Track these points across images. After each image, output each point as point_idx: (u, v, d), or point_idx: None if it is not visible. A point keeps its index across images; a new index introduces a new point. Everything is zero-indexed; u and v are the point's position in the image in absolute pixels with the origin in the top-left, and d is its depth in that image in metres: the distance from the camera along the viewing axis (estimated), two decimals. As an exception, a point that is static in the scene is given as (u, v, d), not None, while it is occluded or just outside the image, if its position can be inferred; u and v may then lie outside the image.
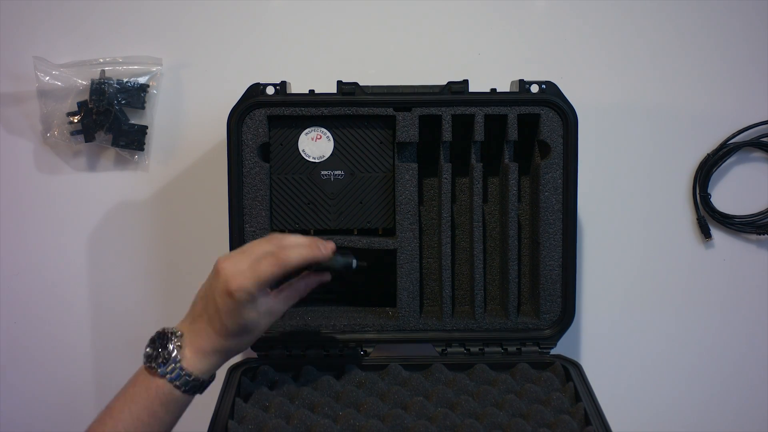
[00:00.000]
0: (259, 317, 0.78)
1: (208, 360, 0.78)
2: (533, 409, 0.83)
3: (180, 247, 1.08)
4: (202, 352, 0.77)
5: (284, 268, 0.76)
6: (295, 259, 0.77)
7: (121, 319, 1.09)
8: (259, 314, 0.77)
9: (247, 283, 0.75)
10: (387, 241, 0.96)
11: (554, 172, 0.94)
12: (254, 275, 0.75)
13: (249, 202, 0.94)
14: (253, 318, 0.77)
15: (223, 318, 0.76)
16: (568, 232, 0.95)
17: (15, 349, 1.09)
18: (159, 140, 1.06)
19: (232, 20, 1.05)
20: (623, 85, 1.07)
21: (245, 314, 0.76)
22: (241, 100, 0.93)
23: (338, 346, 0.96)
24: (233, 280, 0.75)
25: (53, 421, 1.10)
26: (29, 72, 1.02)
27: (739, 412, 1.11)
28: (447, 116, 0.93)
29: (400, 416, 0.82)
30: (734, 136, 1.06)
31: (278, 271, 0.76)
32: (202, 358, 0.77)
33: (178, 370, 0.76)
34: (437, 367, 0.92)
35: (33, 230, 1.08)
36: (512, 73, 1.00)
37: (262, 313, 0.78)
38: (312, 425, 0.81)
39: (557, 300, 0.96)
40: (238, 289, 0.75)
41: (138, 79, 1.03)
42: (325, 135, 0.95)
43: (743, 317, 1.10)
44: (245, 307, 0.76)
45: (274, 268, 0.76)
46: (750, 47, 1.06)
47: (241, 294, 0.75)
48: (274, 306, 0.79)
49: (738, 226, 1.08)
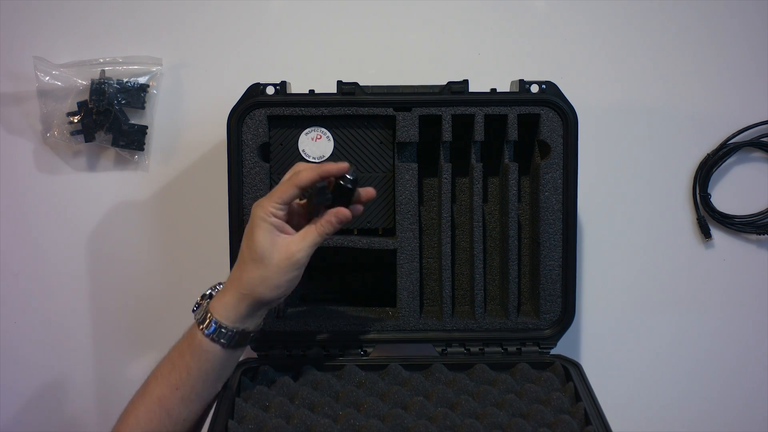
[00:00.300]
0: (273, 246, 0.77)
1: (226, 297, 0.78)
2: (533, 409, 0.83)
3: (180, 247, 1.08)
4: (223, 292, 0.79)
5: (295, 183, 0.78)
6: (306, 177, 0.78)
7: (121, 319, 1.09)
8: (274, 243, 0.77)
9: (263, 201, 0.78)
10: (387, 241, 0.96)
11: (554, 172, 0.94)
12: (268, 196, 0.78)
13: (249, 202, 0.94)
14: (264, 241, 0.77)
15: (243, 243, 0.79)
16: (568, 232, 0.95)
17: (15, 349, 1.09)
18: (159, 140, 1.06)
19: (232, 20, 1.05)
20: (623, 85, 1.07)
21: (257, 234, 0.77)
22: (241, 100, 0.93)
23: (338, 346, 0.96)
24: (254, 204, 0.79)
25: (53, 421, 1.10)
26: (29, 72, 1.02)
27: (739, 412, 1.11)
28: (447, 116, 0.93)
29: (400, 416, 0.82)
30: (734, 136, 1.06)
31: (291, 189, 0.78)
32: (222, 296, 0.79)
33: (203, 311, 0.79)
34: (437, 367, 0.92)
35: (33, 230, 1.08)
36: (512, 73, 1.00)
37: (278, 244, 0.78)
38: (312, 425, 0.81)
39: (557, 300, 0.96)
40: (254, 206, 0.78)
41: (138, 79, 1.03)
42: (325, 135, 0.95)
43: (743, 317, 1.10)
44: (258, 225, 0.77)
45: (287, 187, 0.78)
46: (750, 47, 1.06)
47: (255, 209, 0.78)
48: (292, 240, 0.79)
49: (738, 226, 1.08)
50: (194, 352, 0.78)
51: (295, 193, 0.78)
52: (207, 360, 0.78)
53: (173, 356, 0.79)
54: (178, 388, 0.77)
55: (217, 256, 1.02)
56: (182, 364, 0.78)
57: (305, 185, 0.78)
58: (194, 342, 0.78)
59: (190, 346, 0.78)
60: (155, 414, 0.77)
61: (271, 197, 0.78)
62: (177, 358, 0.78)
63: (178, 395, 0.78)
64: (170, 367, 0.78)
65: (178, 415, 0.78)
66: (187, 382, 0.78)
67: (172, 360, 0.79)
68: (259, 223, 0.78)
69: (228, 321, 0.78)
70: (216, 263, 1.04)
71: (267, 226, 0.77)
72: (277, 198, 0.78)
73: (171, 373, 0.78)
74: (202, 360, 0.78)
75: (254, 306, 0.79)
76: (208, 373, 0.79)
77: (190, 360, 0.78)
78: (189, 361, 0.78)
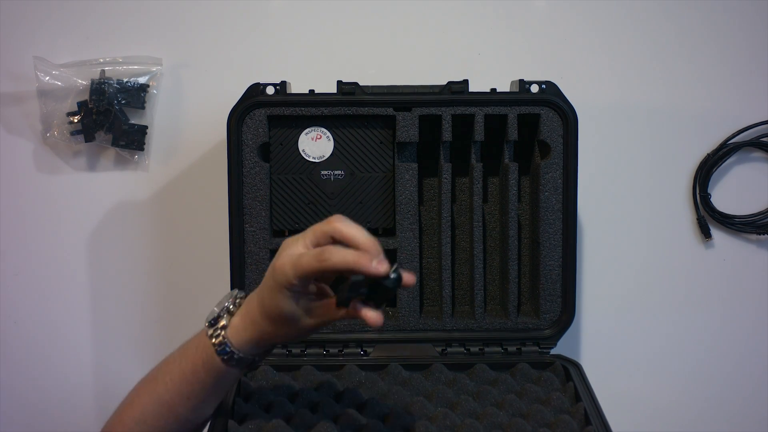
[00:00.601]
0: (298, 313, 0.72)
1: (247, 333, 0.75)
2: (533, 409, 0.83)
3: (180, 247, 1.08)
4: (244, 323, 0.75)
5: (325, 268, 0.69)
6: (336, 262, 0.68)
7: (121, 319, 1.09)
8: (298, 310, 0.72)
9: (287, 268, 0.70)
10: (387, 241, 0.96)
11: (554, 172, 0.94)
12: (294, 264, 0.70)
13: (249, 202, 0.94)
14: (290, 309, 0.72)
15: (265, 292, 0.73)
16: (568, 232, 0.95)
17: (15, 349, 1.09)
18: (159, 140, 1.06)
19: (232, 20, 1.05)
20: (623, 85, 1.07)
21: (280, 299, 0.71)
22: (241, 100, 0.93)
23: (338, 346, 0.96)
24: (281, 257, 0.71)
25: (53, 421, 1.10)
26: (29, 72, 1.02)
27: (739, 412, 1.11)
28: (447, 116, 0.93)
29: (400, 416, 0.82)
30: (734, 136, 1.06)
31: (316, 270, 0.69)
32: (242, 329, 0.75)
33: (221, 337, 0.75)
34: (437, 367, 0.92)
35: (33, 230, 1.07)
36: (512, 73, 1.00)
37: (301, 311, 0.72)
38: (312, 425, 0.81)
39: (557, 300, 0.96)
40: (279, 268, 0.71)
41: (138, 79, 1.03)
42: (325, 135, 0.95)
43: (743, 317, 1.10)
44: (281, 291, 0.71)
45: (313, 266, 0.69)
46: (750, 47, 1.06)
47: (279, 275, 0.71)
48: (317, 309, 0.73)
49: (738, 226, 1.08)
50: (209, 369, 0.76)
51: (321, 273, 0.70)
52: (222, 378, 0.77)
53: (184, 367, 0.77)
54: (189, 398, 0.77)
55: (217, 257, 1.02)
56: (195, 378, 0.77)
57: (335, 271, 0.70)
58: (210, 360, 0.76)
59: (205, 364, 0.76)
60: (162, 416, 0.77)
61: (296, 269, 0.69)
62: (189, 371, 0.77)
63: (189, 405, 0.77)
64: (181, 376, 0.77)
65: (185, 418, 0.78)
66: (200, 394, 0.77)
67: (183, 370, 0.77)
68: (282, 290, 0.71)
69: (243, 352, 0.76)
70: (216, 263, 1.04)
71: (289, 294, 0.71)
72: (301, 274, 0.69)
73: (183, 384, 0.77)
74: (219, 378, 0.77)
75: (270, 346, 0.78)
76: (223, 387, 0.78)
77: (204, 376, 0.76)
78: (203, 377, 0.76)
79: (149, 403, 0.77)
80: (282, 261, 0.70)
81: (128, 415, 0.77)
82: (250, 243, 0.94)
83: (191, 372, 0.76)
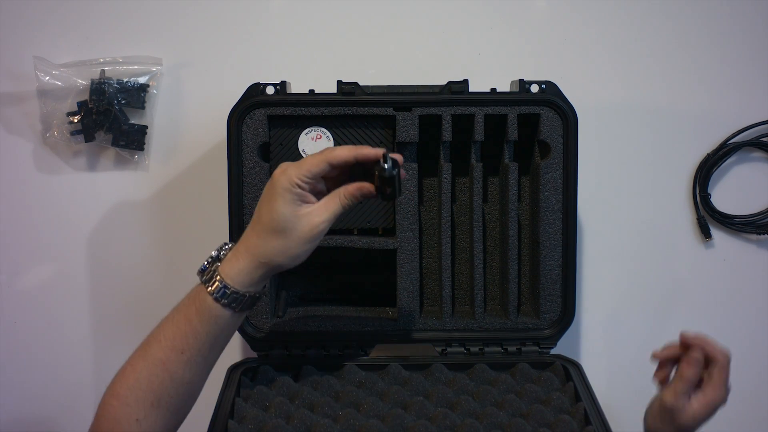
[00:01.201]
0: (296, 217, 0.75)
1: (240, 262, 0.76)
2: (533, 409, 0.83)
3: (180, 246, 1.08)
4: (236, 256, 0.77)
5: (328, 161, 0.75)
6: (341, 154, 0.75)
7: (120, 319, 1.09)
8: (296, 214, 0.75)
9: (290, 169, 0.75)
10: (387, 241, 0.96)
11: (554, 172, 0.94)
12: (297, 165, 0.76)
13: (249, 202, 0.94)
14: (287, 213, 0.75)
15: (261, 208, 0.76)
16: (568, 232, 0.95)
17: (15, 349, 1.09)
18: (159, 140, 1.06)
19: (232, 20, 1.05)
20: (623, 85, 1.07)
21: (280, 205, 0.75)
22: (241, 100, 0.93)
23: (338, 346, 0.96)
24: (279, 170, 0.76)
25: (53, 420, 1.10)
26: (29, 72, 1.02)
27: (739, 412, 1.11)
28: (447, 116, 0.93)
29: (400, 416, 0.82)
30: (734, 136, 1.06)
31: (322, 164, 0.75)
32: (235, 261, 0.77)
33: (211, 274, 0.77)
34: (437, 367, 0.92)
35: (33, 230, 1.08)
36: (512, 73, 1.00)
37: (299, 215, 0.75)
38: (312, 425, 0.81)
39: (557, 300, 0.96)
40: (279, 173, 0.75)
41: (138, 79, 1.03)
42: (325, 135, 0.95)
43: (743, 317, 1.10)
44: (281, 195, 0.75)
45: (319, 161, 0.75)
46: (750, 47, 1.06)
47: (279, 178, 0.75)
48: (314, 211, 0.76)
49: (738, 226, 1.08)
50: (202, 316, 0.76)
51: (326, 169, 0.76)
52: (216, 324, 0.77)
53: (178, 320, 0.77)
54: (183, 352, 0.76)
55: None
56: (189, 329, 0.77)
57: (337, 164, 0.76)
58: (203, 307, 0.76)
59: (198, 311, 0.77)
60: (157, 377, 0.76)
61: (300, 168, 0.75)
62: (183, 322, 0.77)
63: (183, 359, 0.76)
64: (174, 330, 0.77)
65: (181, 377, 0.77)
66: (194, 345, 0.77)
67: (176, 324, 0.77)
68: (283, 193, 0.75)
69: (240, 286, 0.77)
70: (216, 263, 1.04)
71: (291, 196, 0.75)
72: (306, 171, 0.75)
73: (176, 338, 0.76)
74: (211, 324, 0.77)
75: (269, 273, 0.78)
76: (217, 337, 0.78)
77: (198, 324, 0.76)
78: (197, 326, 0.76)
79: (143, 367, 0.76)
80: (281, 169, 0.76)
81: (121, 383, 0.76)
82: (250, 243, 0.94)
83: (185, 323, 0.77)
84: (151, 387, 0.75)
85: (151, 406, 0.75)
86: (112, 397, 0.76)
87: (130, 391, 0.75)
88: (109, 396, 0.76)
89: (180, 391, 0.77)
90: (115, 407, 0.75)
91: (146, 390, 0.75)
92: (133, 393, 0.75)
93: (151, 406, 0.75)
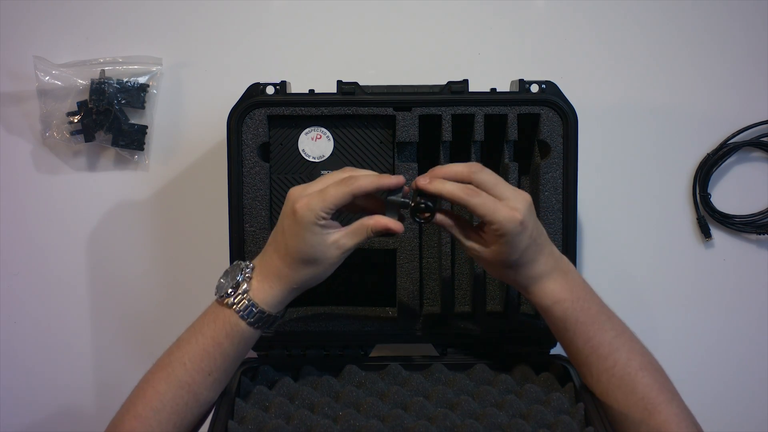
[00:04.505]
0: (325, 247, 0.76)
1: (273, 290, 0.78)
2: (533, 410, 0.83)
3: (180, 247, 1.08)
4: (267, 281, 0.78)
5: (352, 192, 0.75)
6: (365, 184, 0.75)
7: (121, 319, 1.09)
8: (325, 244, 0.76)
9: (313, 202, 0.75)
10: (387, 241, 0.96)
11: (554, 172, 0.94)
12: (320, 197, 0.75)
13: (249, 202, 0.94)
14: (318, 245, 0.75)
15: (288, 241, 0.76)
16: (568, 232, 0.95)
17: (15, 349, 1.09)
18: (159, 140, 1.06)
19: (232, 20, 1.05)
20: (623, 85, 1.07)
21: (309, 238, 0.75)
22: (241, 100, 0.93)
23: (338, 346, 0.96)
24: (300, 200, 0.75)
25: (53, 421, 1.10)
26: (29, 72, 1.02)
27: (739, 412, 1.11)
28: (447, 116, 0.93)
29: (400, 416, 0.82)
30: (734, 136, 1.06)
31: (346, 194, 0.75)
32: (267, 287, 0.78)
33: (245, 301, 0.77)
34: (437, 367, 0.92)
35: (33, 230, 1.08)
36: (512, 73, 1.00)
37: (329, 244, 0.76)
38: (312, 425, 0.81)
39: (557, 300, 0.96)
40: (303, 207, 0.75)
41: (138, 79, 1.03)
42: (325, 135, 0.95)
43: (743, 317, 1.10)
44: (309, 229, 0.75)
45: (343, 191, 0.75)
46: (750, 47, 1.06)
47: (305, 213, 0.74)
48: (342, 237, 0.77)
49: (738, 226, 1.08)
50: (234, 338, 0.78)
51: (349, 201, 0.75)
52: (246, 345, 0.79)
53: (204, 343, 0.78)
54: (210, 373, 0.78)
55: (217, 256, 1.02)
56: (218, 351, 0.78)
57: (360, 195, 0.76)
58: (235, 330, 0.78)
59: (230, 335, 0.78)
60: (182, 398, 0.77)
61: (324, 201, 0.74)
62: (210, 345, 0.78)
63: (209, 380, 0.78)
64: (202, 354, 0.78)
65: (205, 397, 0.78)
66: (221, 366, 0.78)
67: (203, 347, 0.78)
68: (311, 228, 0.75)
69: (272, 309, 0.79)
70: (216, 263, 1.03)
71: (318, 229, 0.75)
72: (330, 204, 0.74)
73: (203, 360, 0.77)
74: (241, 345, 0.79)
75: (298, 293, 0.80)
76: (243, 356, 0.80)
77: (228, 347, 0.78)
78: (227, 348, 0.78)
79: (167, 390, 0.77)
80: (302, 202, 0.75)
81: (144, 405, 0.77)
82: (250, 243, 0.94)
83: (213, 346, 0.78)
84: (176, 409, 0.77)
85: (173, 426, 0.77)
86: (134, 419, 0.76)
87: (153, 414, 0.76)
88: (130, 417, 0.77)
89: (202, 410, 0.79)
90: (137, 428, 0.76)
91: (171, 412, 0.76)
92: (157, 415, 0.76)
93: (173, 426, 0.77)
